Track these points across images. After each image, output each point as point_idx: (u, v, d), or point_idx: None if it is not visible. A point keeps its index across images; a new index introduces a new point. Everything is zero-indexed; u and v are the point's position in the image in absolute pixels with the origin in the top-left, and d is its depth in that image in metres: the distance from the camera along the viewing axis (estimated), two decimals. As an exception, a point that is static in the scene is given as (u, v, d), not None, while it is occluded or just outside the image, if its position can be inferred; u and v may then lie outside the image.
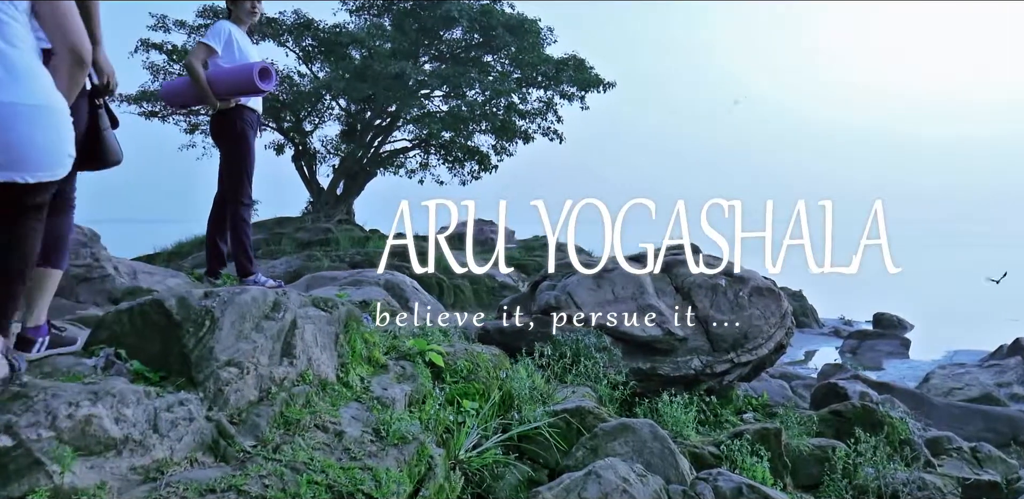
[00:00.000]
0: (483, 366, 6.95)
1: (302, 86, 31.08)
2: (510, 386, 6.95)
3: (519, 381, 7.01)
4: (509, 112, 30.52)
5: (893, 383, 15.31)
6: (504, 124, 30.48)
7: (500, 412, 6.83)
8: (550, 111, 31.75)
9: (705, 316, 10.65)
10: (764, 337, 10.67)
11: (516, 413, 6.68)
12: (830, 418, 9.68)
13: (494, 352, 7.62)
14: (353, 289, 8.83)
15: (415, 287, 9.47)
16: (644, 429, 6.35)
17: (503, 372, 7.14)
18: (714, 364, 10.37)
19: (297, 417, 4.60)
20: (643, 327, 10.16)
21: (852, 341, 29.22)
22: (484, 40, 31.28)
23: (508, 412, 6.84)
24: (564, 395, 8.36)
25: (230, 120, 6.98)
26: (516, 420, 6.63)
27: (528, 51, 30.69)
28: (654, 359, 10.23)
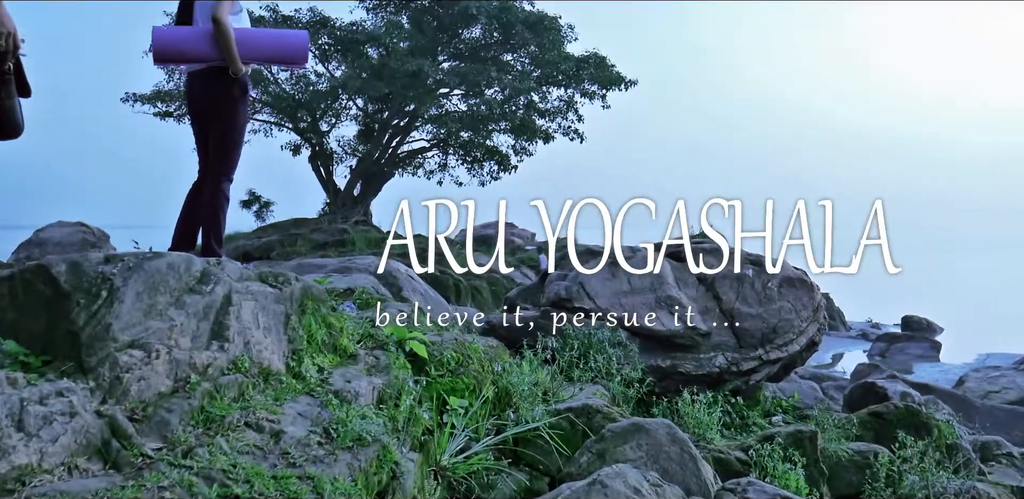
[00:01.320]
0: (476, 358, 5.98)
1: (319, 85, 30.23)
2: (507, 381, 5.98)
3: (518, 376, 6.03)
4: (528, 111, 29.55)
5: (932, 384, 14.21)
6: (523, 123, 29.49)
7: (494, 411, 5.88)
8: (570, 110, 30.73)
9: (730, 309, 9.65)
10: (795, 332, 9.66)
11: (512, 412, 5.72)
12: (870, 420, 8.65)
13: (491, 343, 6.63)
14: (339, 276, 7.90)
15: (411, 276, 8.51)
16: (660, 430, 5.34)
17: (499, 366, 6.15)
18: (740, 362, 9.36)
19: (222, 413, 3.65)
20: (662, 321, 9.16)
21: (881, 344, 28.10)
22: (503, 38, 30.34)
23: (504, 411, 5.88)
24: (572, 393, 7.43)
25: (230, 85, 6.06)
26: (512, 421, 5.67)
27: (548, 49, 29.72)
28: (674, 356, 9.23)
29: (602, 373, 8.60)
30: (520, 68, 30.89)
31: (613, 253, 9.19)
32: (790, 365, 10.66)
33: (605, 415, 5.94)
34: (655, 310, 9.24)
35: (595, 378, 8.80)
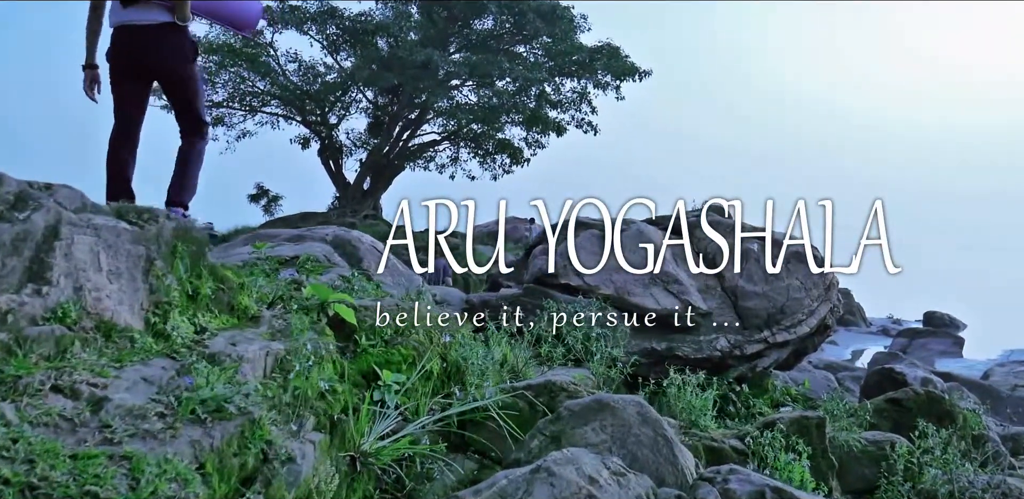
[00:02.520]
0: (422, 328, 5.04)
1: (327, 77, 29.37)
2: (457, 355, 5.05)
3: (470, 348, 5.10)
4: (540, 102, 28.58)
5: (956, 372, 13.16)
6: (535, 115, 28.52)
7: (442, 389, 4.95)
8: (584, 101, 29.72)
9: (733, 287, 8.70)
10: (804, 312, 8.69)
11: (458, 390, 4.79)
12: (887, 408, 7.67)
13: (446, 314, 5.67)
14: (291, 245, 6.98)
15: (375, 247, 7.58)
16: (629, 409, 4.36)
17: (447, 336, 5.20)
18: (744, 344, 8.42)
19: (18, 373, 2.72)
20: (657, 299, 8.23)
21: (902, 340, 27.09)
22: (516, 28, 29.39)
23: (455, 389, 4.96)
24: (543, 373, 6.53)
25: (187, 39, 5.73)
26: (459, 400, 4.75)
27: (561, 40, 28.76)
28: (671, 338, 8.30)
29: (585, 354, 7.70)
30: (532, 59, 29.94)
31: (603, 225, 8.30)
32: (801, 351, 9.71)
33: (571, 393, 4.99)
34: (649, 287, 8.31)
35: (579, 359, 7.90)
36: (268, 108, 30.04)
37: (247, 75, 28.72)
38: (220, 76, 28.67)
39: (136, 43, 5.59)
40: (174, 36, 5.66)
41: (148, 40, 5.63)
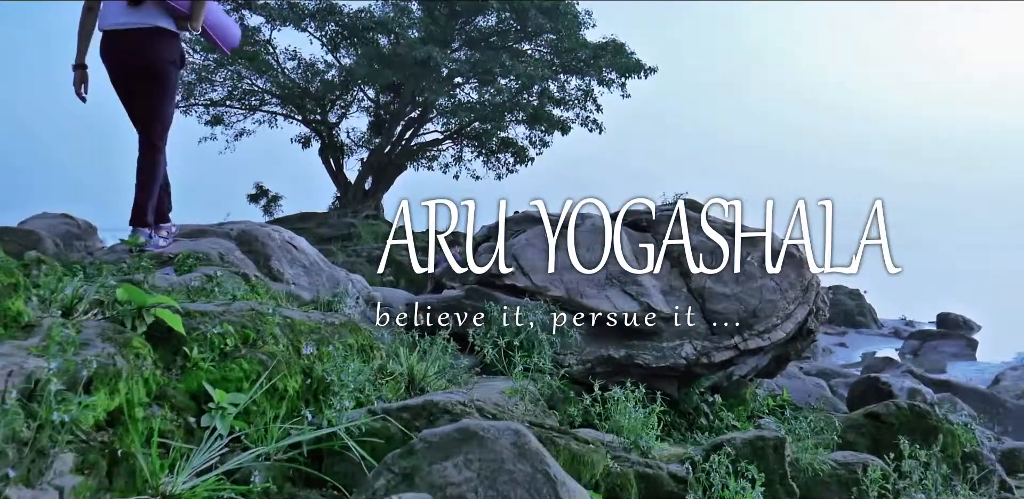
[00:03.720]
0: (281, 337, 4.17)
1: (327, 74, 28.62)
2: (320, 370, 4.18)
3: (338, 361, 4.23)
4: (543, 100, 27.73)
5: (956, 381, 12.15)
6: (537, 113, 27.67)
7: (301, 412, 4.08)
8: (588, 99, 28.85)
9: (700, 288, 7.80)
10: (780, 316, 7.78)
11: (311, 413, 3.91)
12: (864, 424, 6.76)
13: (333, 320, 4.77)
14: (187, 241, 6.13)
15: (291, 243, 6.72)
16: (502, 440, 3.45)
17: (308, 348, 4.32)
18: (712, 351, 7.52)
19: None
20: (614, 301, 7.34)
21: (913, 342, 26.10)
22: (519, 25, 28.54)
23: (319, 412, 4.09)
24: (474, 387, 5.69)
25: (179, 45, 6.08)
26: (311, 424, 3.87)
27: (565, 37, 27.89)
28: (630, 344, 7.41)
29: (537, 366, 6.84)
30: (536, 56, 29.09)
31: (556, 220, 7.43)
32: (783, 358, 8.81)
33: (456, 416, 4.11)
34: (604, 288, 7.42)
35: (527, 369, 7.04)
36: (267, 107, 29.32)
37: (245, 73, 28.02)
38: (218, 74, 28.02)
39: (128, 47, 5.75)
40: (168, 39, 5.90)
41: (143, 41, 5.80)
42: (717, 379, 8.26)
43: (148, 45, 5.83)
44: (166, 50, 5.93)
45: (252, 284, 5.08)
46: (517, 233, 7.92)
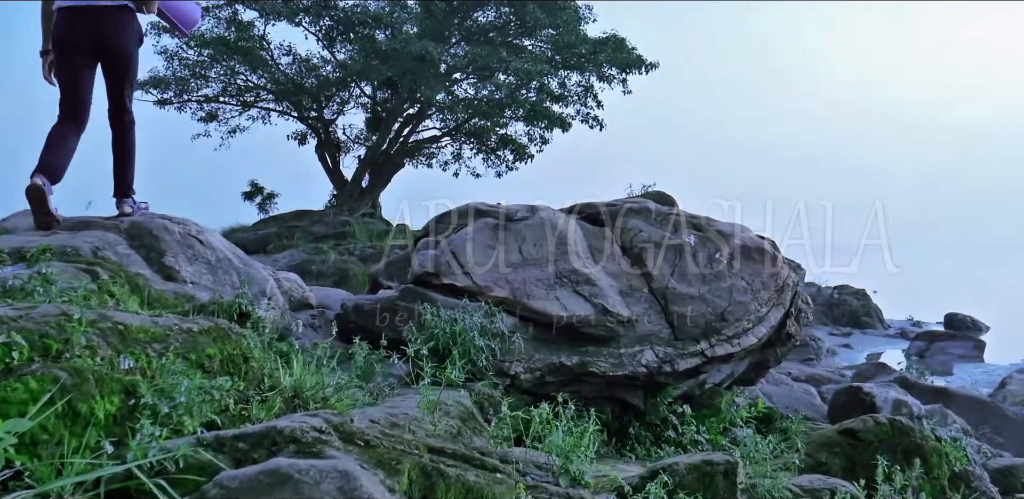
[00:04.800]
0: (102, 347, 3.39)
1: (322, 69, 27.88)
2: (148, 388, 3.40)
3: (175, 375, 3.45)
4: (540, 96, 26.93)
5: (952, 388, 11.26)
6: (534, 109, 26.87)
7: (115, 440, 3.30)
8: (589, 95, 28.02)
9: (663, 288, 7.01)
10: (751, 319, 6.98)
11: (110, 444, 3.14)
12: (839, 441, 5.96)
13: (191, 326, 3.98)
14: (66, 234, 5.36)
15: (197, 238, 5.92)
16: (324, 484, 2.64)
17: (127, 362, 3.54)
18: (676, 359, 6.73)
19: None
20: (564, 303, 6.56)
21: (920, 343, 25.22)
22: (519, 21, 27.75)
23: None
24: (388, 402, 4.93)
25: (138, 23, 6.12)
26: (110, 457, 3.09)
27: (565, 32, 27.08)
28: (584, 350, 6.62)
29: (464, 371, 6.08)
30: (536, 52, 28.28)
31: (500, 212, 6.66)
32: (761, 364, 8.01)
33: (304, 446, 3.31)
34: (554, 288, 6.63)
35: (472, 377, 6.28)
36: (262, 103, 28.61)
37: (240, 69, 27.32)
38: (212, 70, 27.33)
39: (92, 23, 5.72)
40: (129, 19, 5.94)
41: (103, 20, 5.79)
42: (687, 388, 7.48)
43: (113, 24, 5.86)
44: (129, 28, 5.99)
45: (105, 283, 4.30)
46: (461, 228, 7.14)
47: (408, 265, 7.15)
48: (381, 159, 28.58)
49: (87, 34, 5.77)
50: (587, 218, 7.63)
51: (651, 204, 7.70)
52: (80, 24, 5.75)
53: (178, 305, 5.23)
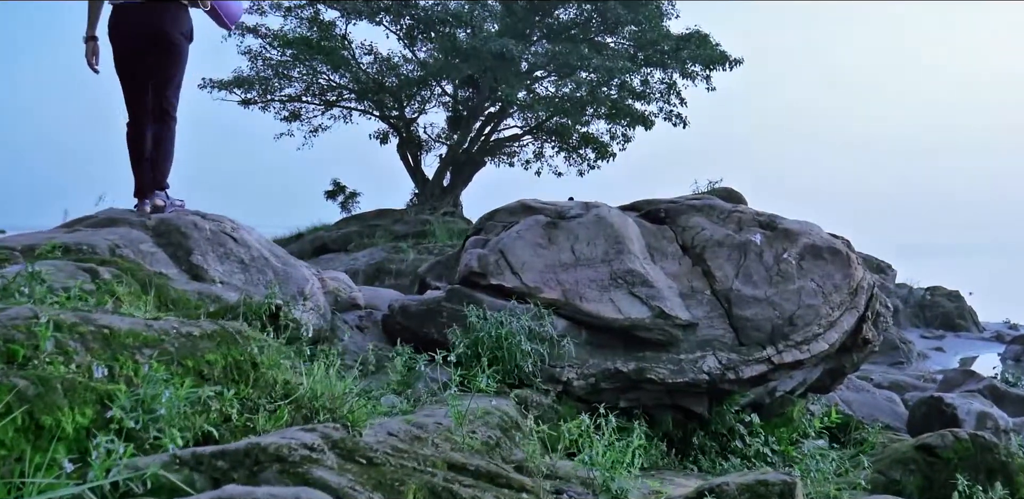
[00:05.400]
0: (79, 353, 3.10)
1: (402, 68, 27.76)
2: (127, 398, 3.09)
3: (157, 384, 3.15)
4: (622, 93, 26.44)
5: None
6: (616, 107, 26.39)
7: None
8: (672, 93, 27.43)
9: (726, 290, 6.56)
10: (822, 324, 6.49)
11: (70, 462, 2.83)
12: (914, 458, 5.45)
13: (191, 330, 3.66)
14: (88, 230, 5.12)
15: (231, 236, 5.64)
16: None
17: (100, 370, 3.23)
18: (740, 366, 6.28)
19: None
20: (619, 306, 6.15)
21: (1016, 347, 24.14)
22: (600, 18, 27.31)
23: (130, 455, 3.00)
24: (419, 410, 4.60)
25: (189, 19, 6.11)
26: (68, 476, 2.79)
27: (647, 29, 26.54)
28: (641, 356, 6.21)
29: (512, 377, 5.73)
30: (618, 49, 27.78)
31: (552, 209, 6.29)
32: (837, 371, 7.51)
33: (291, 466, 2.98)
34: (609, 290, 6.23)
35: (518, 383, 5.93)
36: (344, 102, 28.61)
37: (322, 68, 27.34)
38: (294, 70, 27.40)
39: (144, 17, 5.76)
40: (180, 13, 5.96)
41: (155, 14, 5.81)
42: (756, 395, 7.01)
43: (163, 17, 5.87)
44: (180, 22, 5.98)
45: (108, 283, 4.02)
46: (511, 225, 6.77)
47: (457, 264, 6.80)
48: (462, 158, 28.38)
49: (139, 27, 5.81)
50: (646, 216, 7.21)
51: (715, 201, 7.25)
52: (132, 18, 5.80)
53: (201, 306, 4.96)
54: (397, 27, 26.99)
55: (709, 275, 6.61)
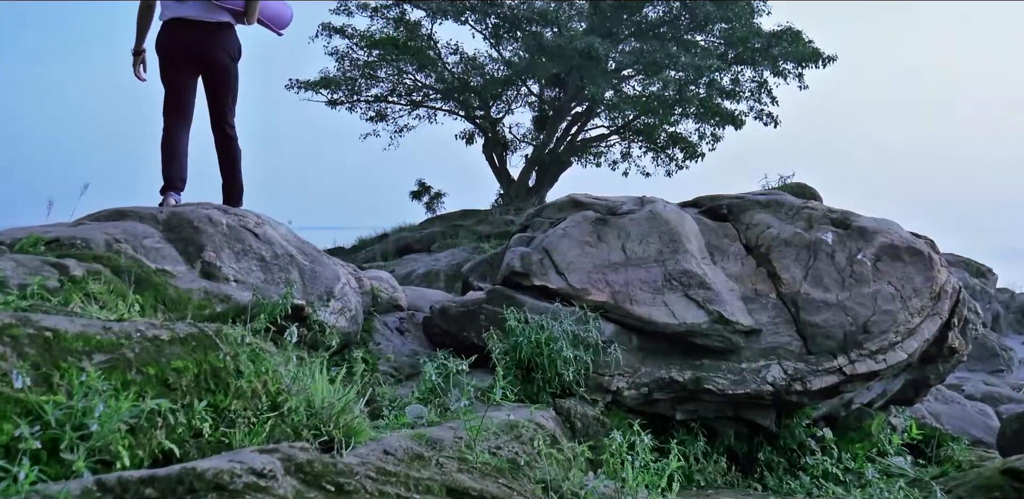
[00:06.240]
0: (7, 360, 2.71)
1: (490, 69, 27.43)
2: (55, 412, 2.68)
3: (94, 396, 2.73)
4: (711, 92, 25.69)
5: None
6: (705, 106, 25.66)
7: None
8: (763, 91, 26.60)
9: (793, 294, 5.97)
10: (900, 332, 5.86)
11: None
12: (1000, 484, 4.82)
13: (159, 334, 3.22)
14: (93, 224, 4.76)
15: (252, 231, 5.24)
16: None
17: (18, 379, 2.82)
18: (808, 376, 5.68)
19: None
20: (672, 308, 5.61)
21: None
22: (689, 16, 26.62)
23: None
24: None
25: (237, 38, 6.27)
26: None
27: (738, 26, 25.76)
28: (698, 364, 5.67)
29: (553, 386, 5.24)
30: (708, 47, 27.04)
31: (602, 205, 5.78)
32: (920, 382, 6.86)
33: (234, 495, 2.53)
34: (662, 292, 5.69)
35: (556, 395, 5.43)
36: (430, 102, 28.40)
37: (407, 68, 27.16)
38: (381, 70, 27.28)
39: (192, 37, 5.89)
40: (228, 34, 6.09)
41: (203, 35, 5.95)
42: (830, 408, 6.41)
43: (211, 40, 6.00)
44: (228, 44, 6.11)
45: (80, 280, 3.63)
46: (558, 222, 6.27)
47: (501, 264, 6.32)
48: (548, 158, 27.92)
49: (187, 47, 5.95)
50: (708, 212, 6.65)
51: (784, 196, 6.65)
52: (181, 36, 5.93)
53: (206, 306, 4.56)
54: (483, 26, 26.65)
55: (775, 277, 6.03)
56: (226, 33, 6.12)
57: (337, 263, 5.99)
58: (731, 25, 25.94)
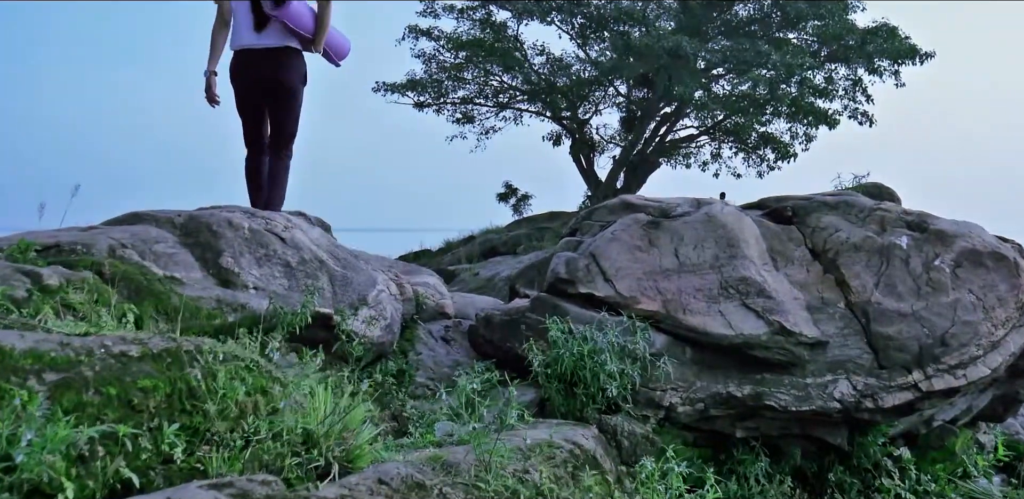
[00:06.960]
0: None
1: (577, 70, 27.03)
2: None
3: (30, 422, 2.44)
4: (803, 91, 24.87)
5: None
6: (796, 105, 24.84)
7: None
8: (857, 89, 25.67)
9: (864, 303, 5.48)
10: (982, 345, 5.32)
11: None
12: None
13: (127, 349, 2.92)
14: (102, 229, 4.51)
15: (278, 235, 4.94)
16: None
17: None
18: (880, 392, 5.20)
19: None
20: (729, 318, 5.17)
21: None
22: (780, 13, 25.86)
23: None
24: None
25: (304, 63, 6.39)
26: None
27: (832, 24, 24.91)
28: (758, 379, 5.22)
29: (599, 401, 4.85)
30: (800, 45, 26.22)
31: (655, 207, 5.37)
32: (1010, 398, 6.30)
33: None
34: (718, 301, 5.25)
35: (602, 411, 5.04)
36: (517, 104, 28.11)
37: (494, 70, 26.93)
38: (467, 72, 27.11)
39: (261, 63, 6.01)
40: (295, 59, 6.20)
41: (271, 60, 6.08)
42: (909, 425, 5.89)
43: (279, 64, 6.13)
44: (296, 68, 6.22)
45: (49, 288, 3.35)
46: (608, 225, 5.87)
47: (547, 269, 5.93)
48: (636, 159, 27.39)
49: (257, 72, 6.05)
50: (772, 215, 6.18)
51: (854, 197, 6.14)
52: (251, 63, 6.03)
53: (216, 316, 4.28)
54: (569, 26, 26.26)
55: (843, 284, 5.54)
56: (291, 57, 6.19)
57: (376, 268, 5.67)
58: (824, 22, 25.07)
